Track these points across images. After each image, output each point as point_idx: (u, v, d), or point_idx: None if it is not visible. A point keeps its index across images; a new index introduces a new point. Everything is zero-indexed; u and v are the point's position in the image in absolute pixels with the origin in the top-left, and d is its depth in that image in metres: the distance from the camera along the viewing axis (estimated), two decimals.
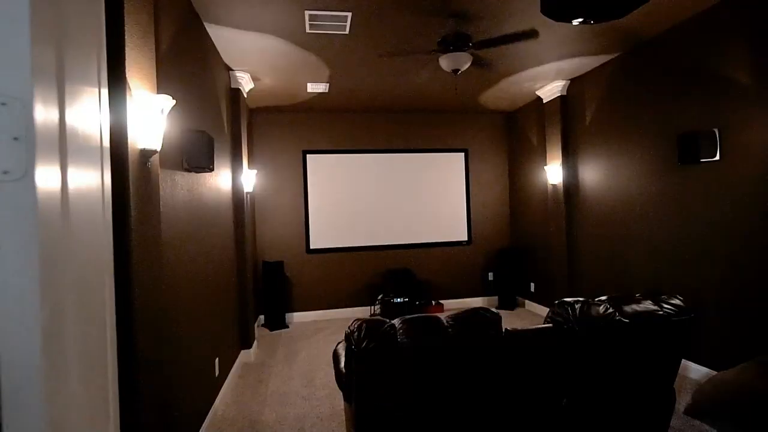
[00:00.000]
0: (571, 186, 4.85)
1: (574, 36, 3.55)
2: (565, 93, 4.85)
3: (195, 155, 2.47)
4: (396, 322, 1.93)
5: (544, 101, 5.14)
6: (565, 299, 2.13)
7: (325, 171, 5.81)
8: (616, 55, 4.03)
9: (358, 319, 1.95)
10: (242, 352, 4.07)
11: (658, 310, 2.13)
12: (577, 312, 2.05)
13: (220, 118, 3.64)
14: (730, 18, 2.93)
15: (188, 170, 2.54)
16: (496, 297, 6.06)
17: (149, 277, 1.68)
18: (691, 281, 3.32)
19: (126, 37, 1.52)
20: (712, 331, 3.10)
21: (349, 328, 1.96)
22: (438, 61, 3.33)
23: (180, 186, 2.40)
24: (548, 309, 5.27)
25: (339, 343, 2.61)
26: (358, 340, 1.85)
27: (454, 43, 3.14)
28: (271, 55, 3.76)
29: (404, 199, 6.02)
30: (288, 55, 3.76)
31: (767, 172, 2.75)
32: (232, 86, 4.15)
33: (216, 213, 3.32)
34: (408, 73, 4.29)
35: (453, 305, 6.02)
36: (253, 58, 3.82)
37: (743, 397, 2.32)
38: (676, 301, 2.20)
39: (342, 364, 2.26)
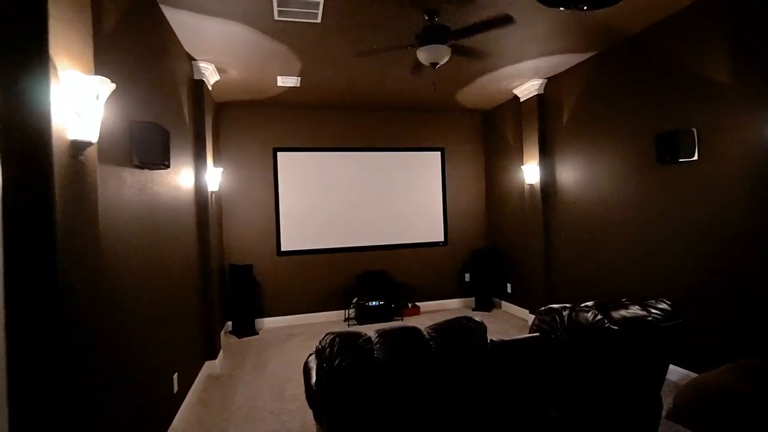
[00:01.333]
0: (549, 186, 4.80)
1: (553, 32, 3.47)
2: (542, 92, 4.79)
3: (147, 150, 2.21)
4: (372, 335, 1.75)
5: (521, 100, 5.08)
6: (552, 306, 2.01)
7: (297, 170, 5.56)
8: (593, 53, 3.98)
9: (330, 333, 1.76)
10: (206, 363, 3.79)
11: (647, 316, 2.03)
12: (566, 319, 1.93)
13: (181, 111, 3.35)
14: (710, 17, 2.91)
15: (140, 167, 2.28)
16: (473, 298, 5.97)
17: (85, 291, 1.43)
18: (670, 281, 3.29)
19: (49, 7, 1.27)
20: (691, 331, 3.07)
21: (320, 343, 1.76)
22: (416, 54, 3.17)
23: (129, 184, 2.14)
24: (525, 310, 5.23)
25: (310, 355, 2.40)
26: (331, 356, 1.66)
27: (432, 35, 2.98)
28: (238, 45, 3.50)
29: (379, 199, 5.85)
30: (256, 45, 3.51)
31: (745, 172, 2.73)
32: (195, 77, 3.85)
33: (175, 214, 3.05)
34: (384, 67, 4.11)
35: (430, 307, 5.90)
36: (218, 48, 3.55)
37: (724, 401, 2.26)
38: (664, 306, 2.12)
39: (313, 381, 2.06)
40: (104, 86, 1.41)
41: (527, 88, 4.87)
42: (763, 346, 2.65)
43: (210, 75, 3.99)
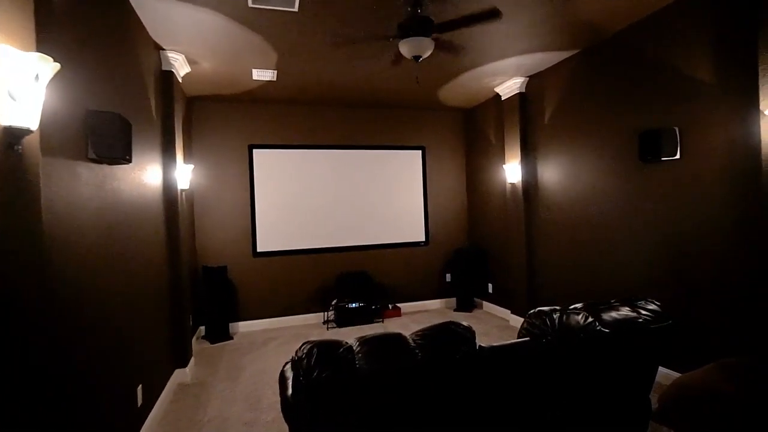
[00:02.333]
0: (530, 185, 4.76)
1: (535, 29, 3.41)
2: (523, 90, 4.75)
3: (105, 142, 2.01)
4: (354, 343, 1.62)
5: (503, 98, 5.03)
6: (542, 309, 1.92)
7: (274, 167, 5.36)
8: (576, 51, 3.96)
9: (308, 342, 1.62)
10: (176, 371, 3.56)
11: (637, 318, 1.97)
12: (556, 323, 1.84)
13: (147, 103, 3.13)
14: (692, 15, 2.89)
15: (97, 161, 2.07)
16: (454, 299, 5.90)
17: (24, 300, 1.25)
18: (652, 279, 3.28)
19: None
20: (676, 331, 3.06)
21: (297, 353, 1.62)
22: (398, 47, 3.05)
23: (84, 180, 1.93)
24: (506, 310, 5.17)
25: (287, 363, 2.25)
26: (308, 368, 1.52)
27: (415, 27, 2.87)
28: (209, 34, 3.30)
29: (359, 198, 5.70)
30: (229, 35, 3.31)
31: (727, 170, 2.73)
32: (164, 68, 3.62)
33: (141, 213, 2.83)
34: (364, 61, 3.98)
35: (411, 308, 5.80)
36: (188, 37, 3.34)
37: (710, 402, 2.23)
38: (653, 307, 2.07)
39: (289, 392, 1.91)
40: (45, 65, 1.23)
41: (509, 87, 4.82)
42: (744, 343, 2.64)
43: (180, 66, 3.77)
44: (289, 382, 1.96)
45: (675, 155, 3.04)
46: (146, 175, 3.01)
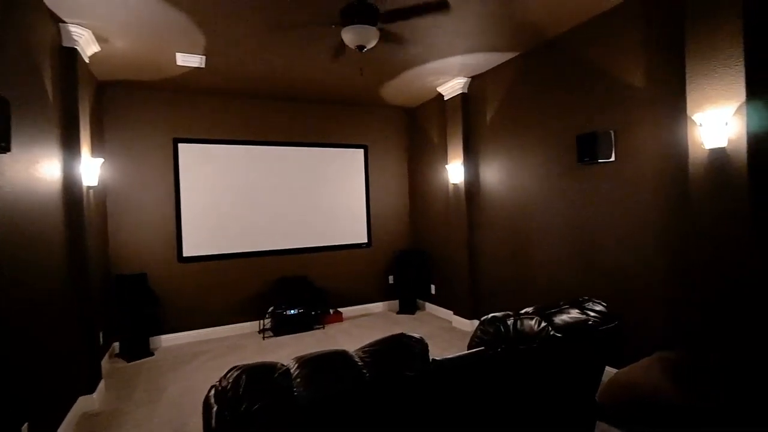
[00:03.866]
0: (473, 185, 4.77)
1: (479, 28, 3.37)
2: (466, 91, 4.75)
3: None
4: (291, 365, 1.39)
5: (446, 98, 5.01)
6: (496, 315, 1.82)
7: (203, 164, 4.88)
8: (517, 53, 4.00)
9: (235, 368, 1.36)
10: (80, 398, 3.05)
11: (587, 320, 1.94)
12: (510, 329, 1.74)
13: (39, 83, 2.62)
14: (627, 22, 3.00)
15: None
16: (397, 301, 5.79)
17: None
18: (590, 277, 3.37)
19: None
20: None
21: (221, 381, 1.36)
22: (339, 35, 2.84)
23: None
24: (449, 311, 5.13)
25: (212, 388, 1.94)
26: (236, 399, 1.27)
27: (359, 14, 2.68)
28: (122, 7, 2.85)
29: (298, 198, 5.39)
30: (146, 10, 2.89)
31: (658, 172, 2.85)
32: (64, 44, 3.09)
33: (30, 213, 2.35)
34: (303, 50, 3.71)
35: (353, 312, 5.59)
36: (95, 8, 2.86)
37: (652, 401, 2.29)
38: (600, 308, 2.05)
39: (213, 425, 1.63)
40: None
41: (452, 87, 4.80)
42: (672, 336, 2.77)
43: (86, 44, 3.24)
44: (214, 411, 1.68)
45: (610, 157, 3.14)
46: (38, 168, 2.51)
